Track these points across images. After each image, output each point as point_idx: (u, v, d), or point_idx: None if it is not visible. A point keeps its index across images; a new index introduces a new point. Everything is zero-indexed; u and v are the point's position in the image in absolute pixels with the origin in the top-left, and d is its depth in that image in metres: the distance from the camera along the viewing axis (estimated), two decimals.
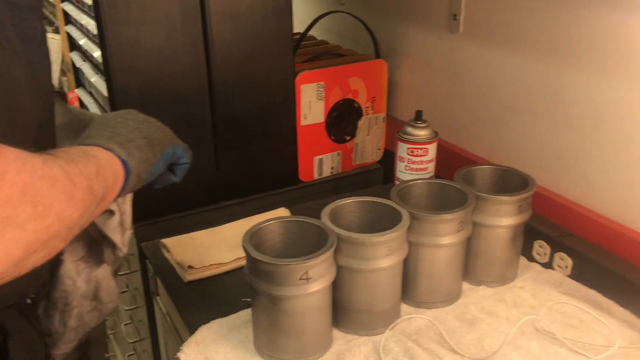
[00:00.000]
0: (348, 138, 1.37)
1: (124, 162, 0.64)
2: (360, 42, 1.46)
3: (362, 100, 1.34)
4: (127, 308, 1.39)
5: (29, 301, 0.69)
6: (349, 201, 0.90)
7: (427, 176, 1.12)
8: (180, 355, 0.82)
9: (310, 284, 0.77)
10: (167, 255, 1.05)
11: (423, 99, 1.37)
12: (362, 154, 1.40)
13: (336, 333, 0.88)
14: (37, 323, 0.72)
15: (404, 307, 0.93)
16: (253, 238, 0.81)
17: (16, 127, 0.59)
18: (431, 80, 1.34)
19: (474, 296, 0.96)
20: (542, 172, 1.09)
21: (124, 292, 1.41)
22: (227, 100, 1.17)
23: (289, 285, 0.76)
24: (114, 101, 1.07)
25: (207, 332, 0.86)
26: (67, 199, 0.50)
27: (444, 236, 0.88)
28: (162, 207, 1.18)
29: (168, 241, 1.07)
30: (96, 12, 1.02)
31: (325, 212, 0.86)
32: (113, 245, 0.77)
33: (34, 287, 0.69)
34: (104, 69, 1.07)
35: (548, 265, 1.02)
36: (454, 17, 1.20)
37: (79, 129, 0.74)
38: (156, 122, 0.75)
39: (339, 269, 0.83)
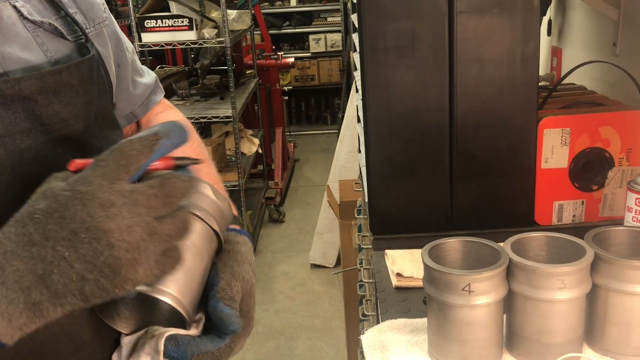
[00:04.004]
0: (595, 188, 1.34)
1: None
2: (631, 94, 1.41)
3: (614, 150, 1.30)
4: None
5: None
6: (536, 234, 0.93)
7: None
8: (362, 337, 0.97)
9: (472, 296, 0.84)
10: (387, 262, 1.21)
11: None
12: (611, 206, 1.35)
13: (507, 357, 0.92)
14: None
15: (589, 352, 0.91)
16: (434, 251, 0.92)
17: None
18: None
19: None
20: None
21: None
22: (467, 137, 1.28)
23: (451, 294, 0.85)
24: (367, 124, 1.29)
25: (390, 326, 0.99)
26: None
27: (635, 284, 0.85)
28: (400, 226, 1.34)
29: (391, 252, 1.23)
30: (361, 57, 1.25)
31: (509, 241, 0.91)
32: None
33: None
34: (362, 100, 1.29)
35: None
36: None
37: None
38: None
39: (513, 294, 0.88)
